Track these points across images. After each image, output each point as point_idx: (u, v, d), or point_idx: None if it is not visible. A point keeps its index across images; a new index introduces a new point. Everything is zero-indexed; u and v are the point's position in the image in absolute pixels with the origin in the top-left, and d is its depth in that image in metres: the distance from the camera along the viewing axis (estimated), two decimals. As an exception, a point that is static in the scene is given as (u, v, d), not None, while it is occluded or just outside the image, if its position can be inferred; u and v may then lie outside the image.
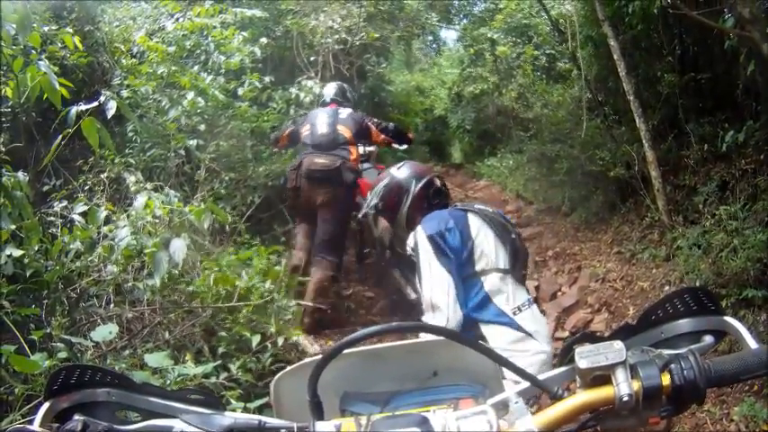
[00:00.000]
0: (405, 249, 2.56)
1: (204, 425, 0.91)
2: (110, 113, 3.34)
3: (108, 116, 3.38)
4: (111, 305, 3.12)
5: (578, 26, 6.78)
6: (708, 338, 0.98)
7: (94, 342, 2.65)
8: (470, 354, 0.94)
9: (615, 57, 5.35)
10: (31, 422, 0.91)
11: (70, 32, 3.81)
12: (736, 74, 4.77)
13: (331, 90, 5.60)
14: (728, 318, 0.97)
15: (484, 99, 11.80)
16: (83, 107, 2.84)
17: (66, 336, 2.60)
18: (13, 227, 2.66)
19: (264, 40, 6.30)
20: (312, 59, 7.58)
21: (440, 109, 15.65)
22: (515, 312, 2.33)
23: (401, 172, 2.71)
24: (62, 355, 2.41)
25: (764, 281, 3.70)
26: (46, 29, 4.39)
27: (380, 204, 2.71)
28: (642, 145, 5.25)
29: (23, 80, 2.73)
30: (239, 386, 2.89)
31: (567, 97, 8.20)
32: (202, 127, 5.25)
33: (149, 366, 2.54)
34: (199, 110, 5.19)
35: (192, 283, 3.43)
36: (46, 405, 0.95)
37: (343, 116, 5.15)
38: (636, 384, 0.83)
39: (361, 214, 4.30)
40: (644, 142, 5.19)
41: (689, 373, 0.83)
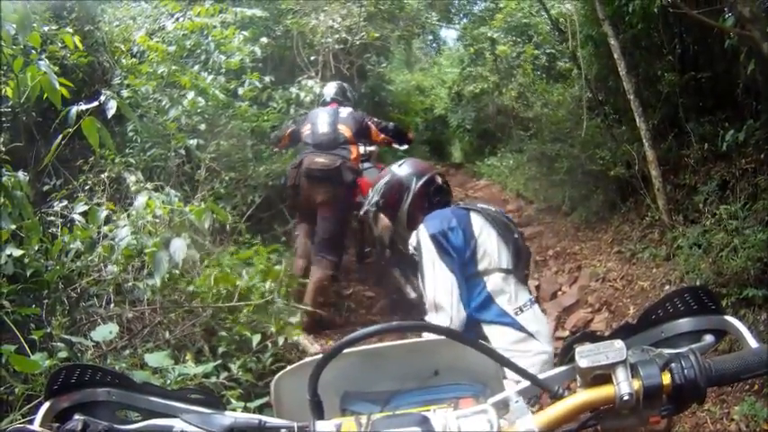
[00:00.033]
0: (406, 248, 2.55)
1: (204, 424, 0.91)
2: (110, 113, 3.34)
3: (108, 116, 3.38)
4: (111, 305, 3.11)
5: (578, 25, 6.78)
6: (708, 338, 0.97)
7: (95, 342, 2.65)
8: (471, 353, 0.93)
9: (615, 56, 5.35)
10: (32, 422, 0.91)
11: (70, 32, 3.81)
12: (736, 73, 4.77)
13: (331, 89, 5.60)
14: (729, 317, 0.97)
15: (484, 98, 11.81)
16: (83, 107, 2.84)
17: (66, 335, 2.60)
18: (14, 226, 2.66)
19: (265, 40, 6.30)
20: (312, 59, 7.58)
21: (440, 108, 15.66)
22: (517, 312, 2.31)
23: (402, 169, 2.68)
24: (62, 355, 2.41)
25: (765, 280, 3.70)
26: (46, 29, 4.38)
27: (381, 202, 2.69)
28: (642, 144, 5.25)
29: (23, 80, 2.72)
30: (239, 386, 2.89)
31: (568, 96, 8.21)
32: (203, 126, 5.25)
33: (150, 366, 2.53)
34: (199, 109, 5.18)
35: (193, 283, 3.44)
36: (46, 405, 0.95)
37: (343, 115, 5.15)
38: (636, 383, 0.83)
39: (362, 211, 4.31)
40: (644, 141, 5.19)
41: (689, 372, 0.83)
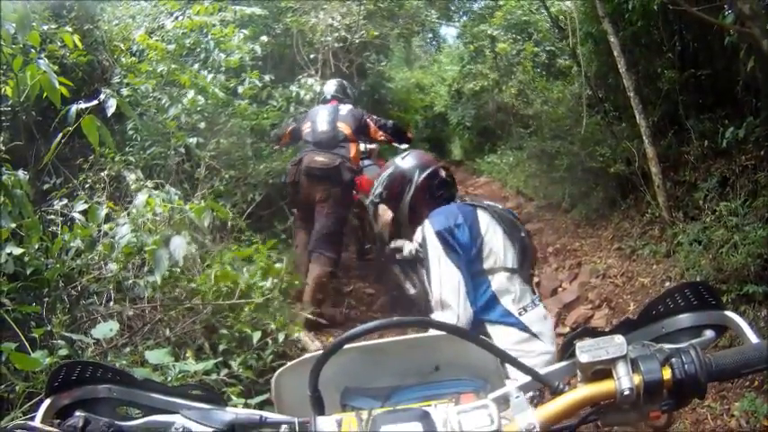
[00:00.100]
0: (409, 240, 2.53)
1: (205, 420, 0.91)
2: (110, 112, 3.34)
3: (108, 114, 3.39)
4: (111, 303, 3.12)
5: (578, 23, 6.77)
6: (709, 333, 0.97)
7: (95, 339, 2.65)
8: (472, 349, 0.93)
9: (615, 53, 5.34)
10: (33, 419, 0.91)
11: (69, 31, 3.81)
12: (736, 70, 4.77)
13: (331, 87, 5.61)
14: (729, 312, 0.97)
15: (484, 96, 11.81)
16: (83, 105, 2.84)
17: (66, 333, 2.60)
18: (14, 225, 2.66)
19: (264, 38, 6.29)
20: (312, 57, 7.57)
21: (440, 106, 15.67)
22: (521, 313, 2.29)
23: (405, 161, 2.64)
24: (63, 353, 2.42)
25: (765, 276, 3.70)
26: (45, 28, 4.38)
27: (384, 193, 2.65)
28: (642, 141, 5.25)
29: (23, 79, 2.72)
30: (240, 383, 2.89)
31: (567, 94, 8.20)
32: (202, 125, 5.24)
33: (150, 363, 2.54)
34: (199, 108, 5.18)
35: (194, 281, 3.44)
36: (47, 402, 0.95)
37: (343, 113, 5.16)
38: (637, 378, 0.83)
39: (367, 202, 4.35)
40: (644, 138, 5.19)
41: (690, 368, 0.82)
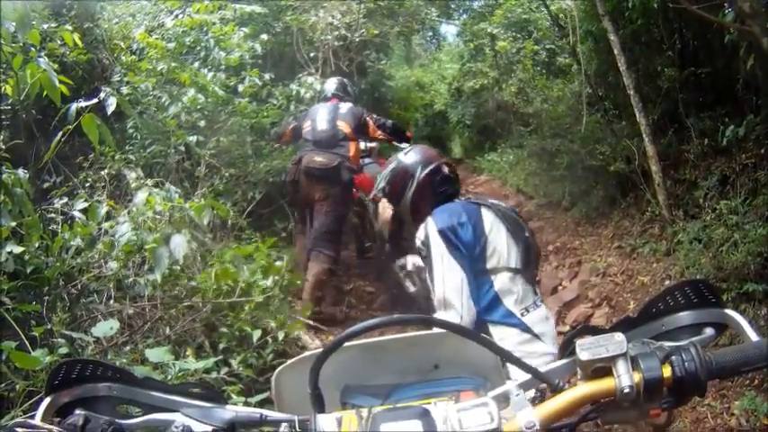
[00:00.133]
0: (412, 236, 2.51)
1: (205, 418, 0.91)
2: (110, 110, 3.34)
3: (108, 113, 3.39)
4: (111, 301, 3.12)
5: (578, 21, 6.76)
6: (709, 331, 0.97)
7: (95, 338, 2.65)
8: (472, 346, 0.93)
9: (615, 51, 5.34)
10: (33, 417, 0.91)
11: (69, 30, 3.81)
12: (736, 68, 4.77)
13: (332, 85, 5.62)
14: (729, 310, 0.97)
15: (484, 94, 11.79)
16: (83, 104, 2.84)
17: (66, 332, 2.60)
18: (14, 224, 2.67)
19: (264, 37, 6.29)
20: (312, 55, 7.57)
21: (440, 104, 15.66)
22: (523, 313, 2.27)
23: (408, 157, 2.60)
24: (63, 351, 2.42)
25: (765, 275, 3.70)
26: (45, 26, 4.38)
27: (386, 189, 2.62)
28: (642, 139, 5.25)
29: (23, 77, 2.72)
30: (240, 381, 2.89)
31: (567, 92, 8.19)
32: (202, 123, 5.24)
33: (150, 361, 2.54)
34: (199, 106, 5.18)
35: (194, 279, 3.44)
36: (47, 400, 0.95)
37: (343, 111, 5.17)
38: (637, 376, 0.83)
39: (370, 197, 4.40)
40: (644, 137, 5.19)
41: (690, 365, 0.82)
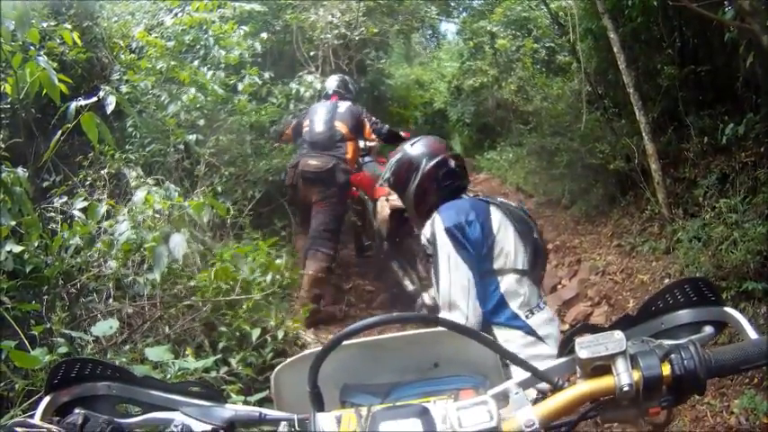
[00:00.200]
0: (418, 230, 2.50)
1: (205, 417, 0.92)
2: (109, 109, 3.35)
3: (107, 111, 3.39)
4: (111, 300, 3.12)
5: (578, 19, 6.74)
6: (708, 329, 0.98)
7: (95, 337, 2.66)
8: (471, 345, 0.93)
9: (615, 49, 5.33)
10: (32, 416, 0.91)
11: (69, 28, 3.81)
12: (735, 66, 4.76)
13: (333, 83, 5.63)
14: (728, 308, 0.97)
15: (483, 92, 11.76)
16: (82, 102, 2.84)
17: (66, 331, 2.60)
18: (13, 223, 2.67)
19: (264, 35, 6.29)
20: (312, 54, 7.56)
21: (439, 102, 15.61)
22: (528, 315, 2.22)
23: (414, 148, 2.53)
24: (62, 350, 2.42)
25: (764, 273, 3.70)
26: (45, 25, 4.38)
27: (391, 179, 2.57)
28: (642, 138, 5.24)
29: (22, 76, 2.73)
30: (239, 380, 2.90)
31: (567, 90, 8.18)
32: (202, 122, 5.25)
33: (150, 360, 2.54)
34: (198, 105, 5.18)
35: (193, 278, 3.44)
36: (47, 399, 0.95)
37: (341, 110, 5.17)
38: (636, 374, 0.83)
39: (378, 184, 4.43)
40: (644, 135, 5.18)
41: (689, 363, 0.83)
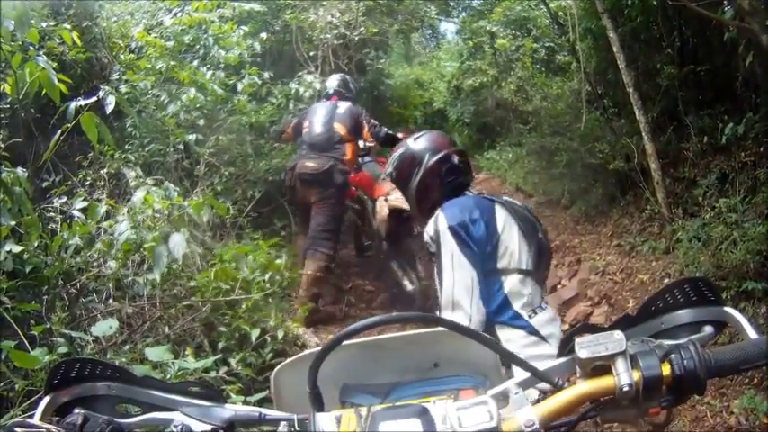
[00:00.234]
0: (420, 228, 2.48)
1: (204, 417, 0.92)
2: (109, 109, 3.34)
3: (107, 111, 3.39)
4: (110, 300, 3.12)
5: (577, 18, 6.74)
6: (708, 329, 0.97)
7: (94, 337, 2.66)
8: (471, 345, 0.93)
9: (614, 49, 5.33)
10: (32, 416, 0.91)
11: (68, 28, 3.81)
12: (735, 66, 4.75)
13: (334, 82, 5.63)
14: (728, 308, 0.97)
15: (483, 92, 11.76)
16: (81, 102, 2.84)
17: (66, 331, 2.60)
18: (13, 223, 2.66)
19: (264, 35, 6.29)
20: (311, 54, 7.56)
21: (439, 102, 15.59)
22: (531, 315, 2.19)
23: (417, 143, 2.50)
24: (62, 350, 2.42)
25: (764, 273, 3.69)
26: (44, 25, 4.38)
27: (394, 174, 2.54)
28: (642, 137, 5.24)
29: (22, 76, 2.72)
30: (239, 380, 2.90)
31: (567, 90, 8.18)
32: (201, 122, 5.25)
33: (150, 361, 2.54)
34: (198, 105, 5.18)
35: (193, 278, 3.44)
36: (46, 399, 0.95)
37: (341, 111, 5.17)
38: (636, 374, 0.83)
39: (381, 178, 4.43)
40: (643, 135, 5.18)
41: (689, 363, 0.82)
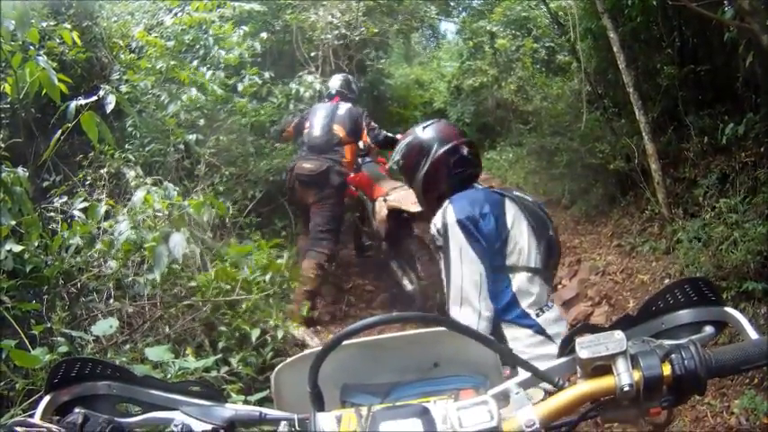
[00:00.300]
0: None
1: (205, 417, 0.91)
2: (109, 108, 3.34)
3: (107, 111, 3.39)
4: (111, 300, 3.12)
5: (578, 18, 6.75)
6: (708, 329, 0.97)
7: (95, 336, 2.66)
8: (472, 344, 0.93)
9: (615, 49, 5.33)
10: (32, 416, 0.91)
11: (68, 28, 3.82)
12: (735, 66, 4.76)
13: (336, 82, 5.64)
14: (729, 308, 0.97)
15: (483, 92, 11.75)
16: (82, 102, 2.84)
17: (66, 330, 2.60)
18: (14, 222, 2.66)
19: (264, 35, 6.29)
20: (312, 54, 7.56)
21: (439, 102, 15.56)
22: (538, 314, 2.15)
23: (425, 132, 2.43)
24: (63, 350, 2.42)
25: (765, 273, 3.70)
26: (44, 25, 4.38)
27: (401, 162, 2.48)
28: (642, 137, 5.24)
29: (22, 76, 2.73)
30: (240, 380, 2.90)
31: (567, 90, 8.19)
32: (202, 122, 5.26)
33: (150, 360, 2.54)
34: (198, 105, 5.19)
35: (193, 278, 3.44)
36: (47, 398, 0.95)
37: (341, 113, 5.18)
38: (637, 374, 0.83)
39: (387, 166, 4.44)
40: (644, 135, 5.18)
41: (690, 363, 0.82)
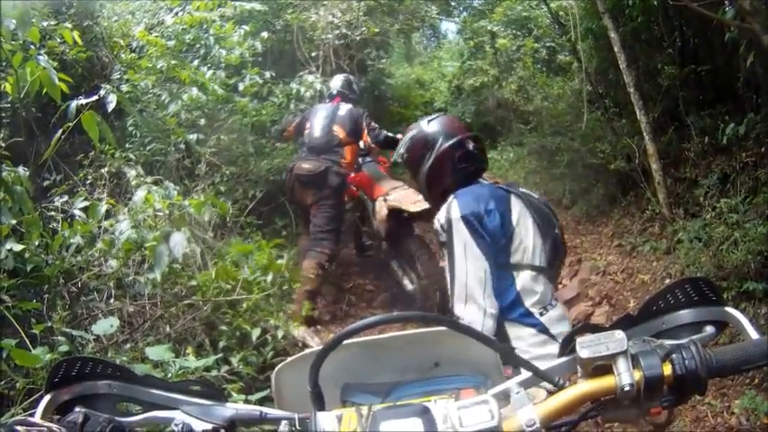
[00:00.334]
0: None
1: (205, 416, 0.91)
2: (110, 107, 3.35)
3: (108, 110, 3.39)
4: (111, 299, 3.12)
5: (578, 18, 6.75)
6: (709, 329, 0.97)
7: (95, 336, 2.66)
8: (472, 344, 0.93)
9: (615, 49, 5.33)
10: (33, 415, 0.91)
11: (69, 27, 3.82)
12: (736, 66, 4.76)
13: (337, 83, 5.63)
14: (729, 308, 0.97)
15: (484, 92, 11.75)
16: (82, 101, 2.84)
17: (67, 329, 2.60)
18: (14, 222, 2.66)
19: (265, 35, 6.29)
20: (313, 54, 7.57)
21: (440, 102, 15.55)
22: (542, 313, 2.13)
23: (430, 126, 2.40)
24: (63, 349, 2.42)
25: (765, 273, 3.70)
26: (45, 24, 4.38)
27: (405, 156, 2.46)
28: (643, 137, 5.24)
29: (23, 75, 2.73)
30: (240, 379, 2.90)
31: (568, 90, 8.19)
32: (202, 121, 5.26)
33: (150, 360, 2.54)
34: (199, 104, 5.19)
35: (194, 277, 3.44)
36: (47, 397, 0.95)
37: (341, 113, 5.18)
38: (637, 374, 0.82)
39: (392, 159, 4.45)
40: (644, 135, 5.18)
41: (690, 363, 0.82)
